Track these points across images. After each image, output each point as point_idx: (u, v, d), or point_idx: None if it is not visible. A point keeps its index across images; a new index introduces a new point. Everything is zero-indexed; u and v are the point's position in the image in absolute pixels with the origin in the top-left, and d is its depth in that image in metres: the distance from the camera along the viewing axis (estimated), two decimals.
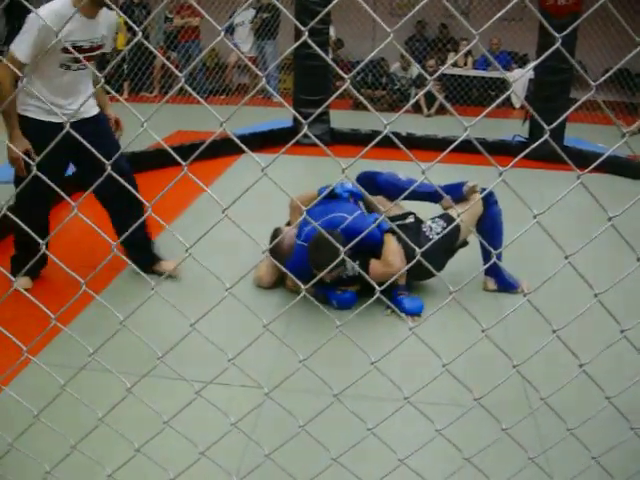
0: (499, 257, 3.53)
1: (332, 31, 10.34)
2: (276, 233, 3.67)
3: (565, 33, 1.19)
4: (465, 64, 11.04)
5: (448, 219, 3.58)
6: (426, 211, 3.75)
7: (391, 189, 3.70)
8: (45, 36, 2.94)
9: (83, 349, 1.46)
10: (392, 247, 3.39)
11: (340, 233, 3.25)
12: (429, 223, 3.61)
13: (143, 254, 3.64)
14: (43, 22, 2.85)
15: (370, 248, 3.42)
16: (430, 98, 9.79)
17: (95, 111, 3.44)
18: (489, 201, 3.57)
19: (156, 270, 3.71)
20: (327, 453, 1.57)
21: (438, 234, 3.48)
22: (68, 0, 3.00)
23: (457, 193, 3.65)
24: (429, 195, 3.58)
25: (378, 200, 3.74)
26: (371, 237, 3.39)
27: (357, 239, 1.52)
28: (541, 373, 2.35)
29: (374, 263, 3.38)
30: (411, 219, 3.67)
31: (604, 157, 1.36)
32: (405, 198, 3.67)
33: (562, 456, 2.25)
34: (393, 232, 3.43)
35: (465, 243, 3.64)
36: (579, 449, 1.67)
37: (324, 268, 3.25)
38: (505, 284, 3.69)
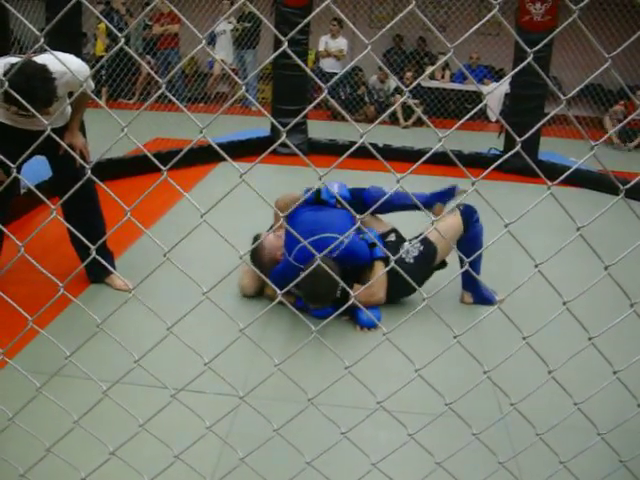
0: (477, 271, 3.55)
1: (345, 45, 10.39)
2: (256, 239, 3.65)
3: (536, 48, 1.23)
4: (442, 77, 11.17)
5: (425, 242, 3.54)
6: (412, 221, 3.78)
7: (378, 206, 3.67)
8: None
9: (58, 355, 1.47)
10: (380, 277, 3.38)
11: (335, 261, 3.21)
12: (407, 246, 3.58)
13: (98, 262, 3.63)
14: None
15: (355, 267, 3.42)
16: (407, 110, 9.88)
17: (60, 123, 3.39)
18: (472, 219, 3.56)
19: (107, 283, 3.69)
20: (301, 457, 1.58)
21: (415, 257, 3.47)
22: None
23: (448, 198, 3.71)
24: (416, 205, 3.62)
25: (365, 221, 3.73)
26: (362, 259, 3.42)
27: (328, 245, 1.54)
28: (513, 381, 2.38)
29: (357, 288, 3.36)
30: (392, 237, 3.66)
31: (572, 169, 1.40)
32: (392, 211, 3.66)
33: (532, 461, 2.29)
34: (383, 259, 3.42)
35: (444, 264, 3.64)
36: (549, 454, 1.70)
37: (318, 300, 3.26)
38: (482, 298, 3.71)
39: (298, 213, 3.46)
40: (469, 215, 3.56)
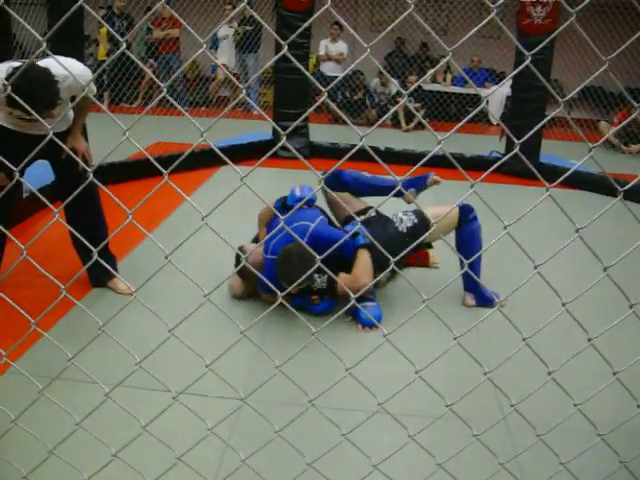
0: (477, 272, 3.57)
1: (345, 48, 10.38)
2: (241, 250, 3.69)
3: (534, 51, 1.24)
4: (444, 80, 11.17)
5: (420, 215, 3.63)
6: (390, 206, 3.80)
7: (356, 184, 3.79)
8: None
9: (60, 357, 1.47)
10: (363, 262, 3.43)
11: (306, 242, 3.32)
12: (400, 215, 3.66)
13: (100, 265, 3.64)
14: None
15: (339, 259, 3.45)
16: (409, 113, 9.89)
17: (63, 127, 3.40)
18: (468, 216, 3.62)
19: (110, 286, 3.71)
20: (302, 459, 1.59)
21: (408, 227, 3.56)
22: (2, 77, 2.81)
23: (421, 184, 3.74)
24: (392, 189, 3.64)
25: (344, 197, 3.83)
26: (342, 247, 3.43)
27: (332, 249, 1.55)
28: (514, 382, 2.39)
29: (342, 277, 3.42)
30: (372, 212, 3.71)
31: (571, 171, 1.41)
32: (370, 194, 3.74)
33: (533, 462, 2.29)
34: (366, 246, 3.47)
35: (429, 245, 3.70)
36: (549, 455, 1.71)
37: (293, 281, 3.31)
38: (484, 299, 3.72)
39: (274, 221, 3.69)
40: (466, 211, 3.64)
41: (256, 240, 3.94)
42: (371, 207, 3.79)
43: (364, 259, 3.44)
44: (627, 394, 1.61)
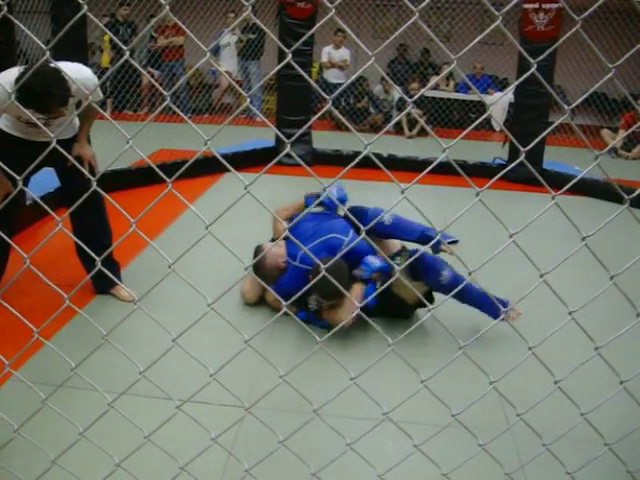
0: (476, 294, 3.36)
1: (348, 55, 10.37)
2: (258, 250, 3.67)
3: (540, 59, 1.23)
4: (447, 85, 11.18)
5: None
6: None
7: (376, 231, 3.48)
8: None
9: (63, 366, 1.46)
10: (355, 295, 3.25)
11: (342, 261, 3.17)
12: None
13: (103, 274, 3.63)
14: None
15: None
16: (412, 120, 9.89)
17: (69, 134, 3.41)
18: (419, 269, 3.32)
19: (113, 293, 3.70)
20: (307, 468, 1.58)
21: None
22: (12, 81, 2.83)
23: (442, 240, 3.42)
24: (418, 237, 3.48)
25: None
26: (363, 253, 3.38)
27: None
28: (519, 391, 2.37)
29: (331, 312, 3.33)
30: (397, 260, 3.43)
31: (578, 179, 1.40)
32: (391, 238, 3.58)
33: (539, 472, 2.27)
34: (363, 281, 3.30)
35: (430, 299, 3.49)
36: (556, 465, 1.69)
37: (334, 296, 3.24)
38: (494, 314, 3.52)
39: (299, 221, 3.48)
40: (416, 269, 3.33)
41: (273, 241, 3.89)
42: (402, 249, 3.57)
43: (357, 294, 3.26)
44: (634, 403, 1.60)
